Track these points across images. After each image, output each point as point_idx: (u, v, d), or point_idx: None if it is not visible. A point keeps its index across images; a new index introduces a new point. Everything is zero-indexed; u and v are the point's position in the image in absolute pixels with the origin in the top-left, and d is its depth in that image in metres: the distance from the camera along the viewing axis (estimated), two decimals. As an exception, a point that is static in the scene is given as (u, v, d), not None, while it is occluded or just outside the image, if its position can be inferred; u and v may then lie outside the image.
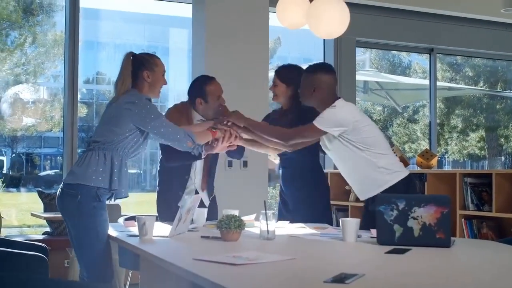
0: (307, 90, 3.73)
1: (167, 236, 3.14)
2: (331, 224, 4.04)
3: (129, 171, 3.51)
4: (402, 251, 2.67)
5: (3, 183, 11.05)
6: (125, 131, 3.41)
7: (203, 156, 3.74)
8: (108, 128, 3.43)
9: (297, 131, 3.69)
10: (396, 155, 6.09)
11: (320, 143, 3.78)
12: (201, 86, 4.09)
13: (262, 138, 3.92)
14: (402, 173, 3.63)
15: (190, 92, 4.15)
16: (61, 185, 3.41)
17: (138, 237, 3.11)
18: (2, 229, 9.82)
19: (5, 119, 10.38)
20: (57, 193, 3.42)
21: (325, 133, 3.61)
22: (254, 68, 6.10)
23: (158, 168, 4.18)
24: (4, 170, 12.73)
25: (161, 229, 3.37)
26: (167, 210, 3.97)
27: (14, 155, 13.03)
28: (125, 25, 11.21)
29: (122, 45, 11.52)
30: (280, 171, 4.23)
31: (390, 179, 3.57)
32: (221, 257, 2.40)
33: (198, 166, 4.07)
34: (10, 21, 9.78)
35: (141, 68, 3.54)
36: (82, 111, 11.18)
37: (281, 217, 4.13)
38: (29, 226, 10.36)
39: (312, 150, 4.02)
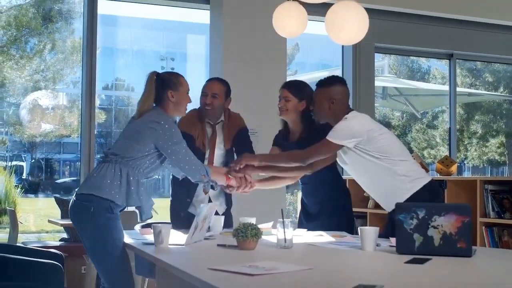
0: (324, 104, 3.67)
1: (183, 245, 3.11)
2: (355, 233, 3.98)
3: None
4: (422, 261, 2.61)
5: (21, 188, 11.10)
6: (144, 149, 3.39)
7: (215, 189, 3.76)
8: (129, 143, 3.40)
9: (313, 150, 3.64)
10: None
11: (337, 159, 3.73)
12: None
13: (279, 168, 3.88)
14: (423, 179, 3.55)
15: None
16: (74, 196, 3.39)
17: (154, 245, 3.08)
18: (20, 234, 9.86)
19: (24, 125, 10.45)
20: (70, 203, 3.40)
21: (340, 146, 3.55)
22: (272, 74, 6.07)
23: (171, 177, 4.18)
24: (24, 176, 12.81)
25: (177, 237, 3.34)
26: (176, 218, 4.00)
27: (33, 160, 13.12)
28: (143, 31, 11.25)
29: (140, 51, 11.57)
30: (300, 186, 4.19)
31: (412, 187, 3.49)
32: (238, 266, 2.36)
33: None
34: (29, 28, 9.85)
35: (165, 88, 3.52)
36: (100, 117, 11.25)
37: (302, 226, 4.07)
38: (47, 232, 10.40)
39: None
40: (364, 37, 3.90)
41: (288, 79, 6.44)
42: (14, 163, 12.47)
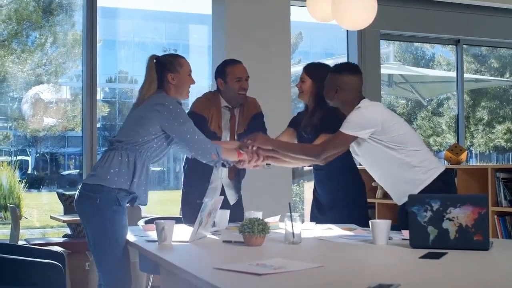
0: (330, 90, 3.57)
1: (187, 241, 2.99)
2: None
3: (153, 168, 3.39)
4: (438, 256, 2.49)
5: (26, 183, 11.04)
6: (151, 133, 3.29)
7: (227, 166, 3.65)
8: (134, 129, 3.31)
9: (327, 144, 3.52)
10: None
11: (350, 149, 3.61)
12: (223, 67, 4.03)
13: (291, 157, 3.78)
14: (438, 169, 3.43)
15: (215, 73, 4.09)
16: (79, 187, 3.29)
17: (157, 243, 2.97)
18: (24, 230, 9.77)
19: (27, 119, 10.37)
20: (76, 195, 3.29)
21: (355, 138, 3.43)
22: (276, 64, 5.95)
23: (184, 168, 4.07)
24: (29, 170, 12.75)
25: (182, 233, 3.23)
26: (193, 212, 3.85)
27: (38, 155, 13.06)
28: (144, 23, 11.16)
29: (142, 43, 11.48)
30: (313, 173, 4.07)
31: (427, 178, 3.38)
32: (244, 265, 2.24)
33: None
34: (30, 21, 9.75)
35: (164, 71, 3.42)
36: (104, 110, 11.18)
37: (314, 219, 3.98)
38: (52, 227, 10.33)
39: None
40: (370, 24, 3.77)
41: (291, 68, 6.34)
42: (19, 157, 12.42)
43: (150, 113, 3.30)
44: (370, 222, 2.90)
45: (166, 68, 3.42)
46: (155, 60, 3.44)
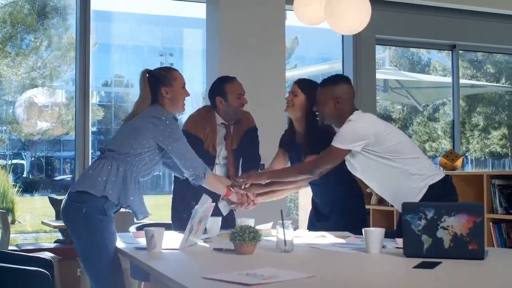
0: (329, 103, 3.48)
1: (177, 249, 2.94)
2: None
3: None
4: (432, 265, 2.44)
5: (20, 187, 10.98)
6: (144, 146, 3.24)
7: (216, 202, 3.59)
8: (127, 140, 3.25)
9: (320, 160, 3.46)
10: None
11: (346, 163, 3.54)
12: (220, 85, 3.95)
13: (288, 183, 3.76)
14: (437, 176, 3.37)
15: (210, 92, 3.99)
16: (66, 195, 3.23)
17: (147, 250, 2.91)
18: (18, 234, 9.69)
19: (21, 123, 10.31)
20: (62, 204, 3.24)
21: (348, 151, 3.37)
22: (271, 68, 5.90)
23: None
24: (25, 174, 12.68)
25: (172, 240, 3.17)
26: (178, 218, 3.81)
27: (33, 159, 12.99)
28: (140, 26, 11.11)
29: (138, 47, 11.44)
30: (310, 187, 3.99)
31: (425, 185, 3.32)
32: (233, 275, 2.19)
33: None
34: (25, 24, 9.70)
35: (158, 85, 3.37)
36: (98, 114, 11.13)
37: (312, 226, 3.92)
38: (45, 232, 10.26)
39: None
40: (365, 29, 3.72)
41: (287, 73, 6.29)
42: (14, 161, 12.35)
43: (145, 125, 3.25)
44: (363, 230, 2.85)
45: (159, 82, 3.37)
46: (148, 75, 3.39)
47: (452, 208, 2.64)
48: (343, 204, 3.81)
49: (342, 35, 6.99)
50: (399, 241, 2.88)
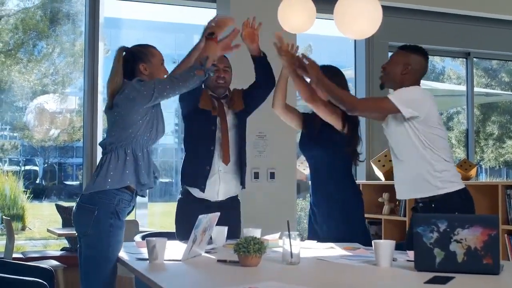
0: (399, 66, 3.47)
1: (179, 260, 2.84)
2: (369, 238, 3.73)
3: (161, 180, 3.26)
4: (444, 280, 2.33)
5: (31, 193, 10.96)
6: (137, 120, 3.12)
7: (207, 75, 3.31)
8: (119, 126, 3.14)
9: (367, 102, 3.42)
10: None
11: (383, 124, 3.50)
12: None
13: (320, 93, 3.69)
14: (457, 184, 3.32)
15: None
16: (78, 198, 3.14)
17: (148, 261, 2.82)
18: (27, 241, 9.64)
19: (32, 129, 10.30)
20: (74, 207, 3.15)
21: (396, 111, 3.29)
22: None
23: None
24: (38, 180, 12.68)
25: (175, 251, 3.08)
26: (183, 228, 3.72)
27: (46, 165, 13.00)
28: (151, 33, 11.09)
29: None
30: (310, 177, 3.96)
31: (442, 187, 3.27)
32: (235, 289, 2.09)
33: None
34: (37, 31, 9.69)
35: (136, 61, 3.24)
36: (107, 120, 11.09)
37: (311, 230, 3.87)
38: (56, 239, 10.21)
39: (345, 158, 3.80)
40: (377, 35, 3.64)
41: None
42: (27, 167, 12.36)
43: (125, 105, 3.12)
44: (373, 242, 2.75)
45: (137, 58, 3.24)
46: (124, 52, 3.26)
47: (466, 220, 2.53)
48: (342, 206, 3.76)
49: (355, 42, 6.89)
50: (411, 254, 2.78)
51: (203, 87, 3.86)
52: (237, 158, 3.90)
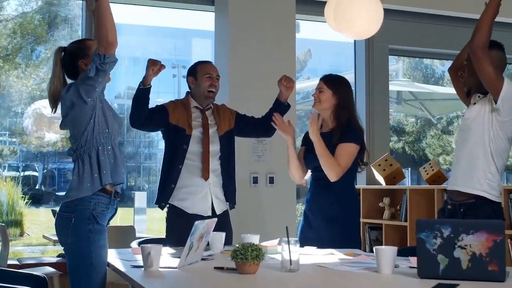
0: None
1: (175, 267, 2.76)
2: (360, 245, 3.71)
3: None
4: (448, 288, 2.26)
5: (29, 199, 10.90)
6: (87, 121, 3.05)
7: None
8: (74, 132, 3.09)
9: (489, 58, 3.29)
10: (433, 169, 5.70)
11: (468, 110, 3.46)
12: (193, 66, 4.05)
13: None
14: (495, 196, 3.28)
15: (186, 75, 4.08)
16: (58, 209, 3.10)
17: (143, 269, 2.74)
18: (25, 247, 9.56)
19: (29, 134, 10.23)
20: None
21: (495, 93, 3.22)
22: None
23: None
24: (37, 186, 12.64)
25: (171, 258, 3.00)
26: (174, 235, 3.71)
27: (45, 170, 12.95)
28: (151, 38, 11.06)
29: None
30: (311, 184, 3.90)
31: (486, 190, 3.24)
32: (232, 298, 2.01)
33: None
34: (35, 35, 9.64)
35: (75, 59, 3.15)
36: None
37: (302, 234, 3.81)
38: (54, 244, 10.14)
39: (350, 168, 3.74)
40: (378, 38, 3.56)
41: (300, 85, 6.13)
42: (27, 173, 12.32)
43: (71, 111, 3.06)
44: (374, 248, 2.67)
45: (75, 56, 3.15)
46: (63, 52, 3.17)
47: (470, 226, 2.45)
48: (339, 213, 3.71)
49: (355, 45, 6.82)
50: (413, 260, 2.70)
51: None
52: (225, 172, 3.91)
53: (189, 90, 4.04)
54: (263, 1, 5.72)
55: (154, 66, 3.77)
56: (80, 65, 3.14)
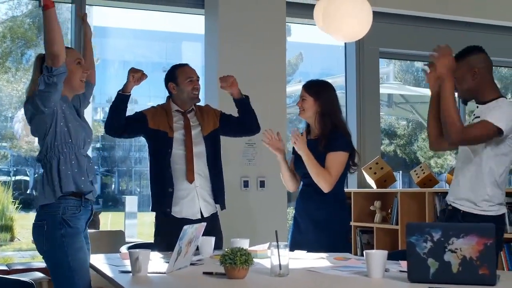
0: (467, 76, 3.31)
1: (164, 273, 2.73)
2: (349, 249, 3.72)
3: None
4: (439, 292, 2.24)
5: (20, 203, 10.82)
6: (45, 129, 3.06)
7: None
8: (39, 142, 3.13)
9: (471, 129, 3.20)
10: (424, 172, 5.69)
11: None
12: (172, 71, 3.99)
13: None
14: (494, 211, 3.23)
15: (164, 80, 4.02)
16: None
17: (131, 274, 2.71)
18: (15, 252, 9.47)
19: (20, 138, 10.17)
20: None
21: (498, 133, 3.14)
22: (271, 82, 5.71)
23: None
24: (29, 191, 12.55)
25: (160, 263, 2.97)
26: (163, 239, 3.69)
27: (36, 175, 12.85)
28: (141, 42, 11.02)
29: (140, 62, 11.34)
30: (301, 189, 3.91)
31: (485, 209, 3.20)
32: (220, 304, 1.99)
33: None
34: (25, 39, 9.58)
35: None
36: (100, 130, 10.99)
37: (292, 238, 3.81)
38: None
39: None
40: (368, 41, 3.53)
41: (292, 88, 6.10)
42: (18, 177, 12.24)
43: (32, 120, 3.08)
44: (364, 252, 2.65)
45: None
46: (41, 59, 3.15)
47: (460, 230, 2.43)
48: (328, 218, 3.72)
49: (345, 48, 6.81)
50: (404, 264, 2.68)
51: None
52: (212, 173, 3.88)
53: (170, 95, 3.99)
54: (253, 4, 5.70)
55: (135, 73, 3.75)
56: None
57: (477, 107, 3.41)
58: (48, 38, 2.91)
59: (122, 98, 3.79)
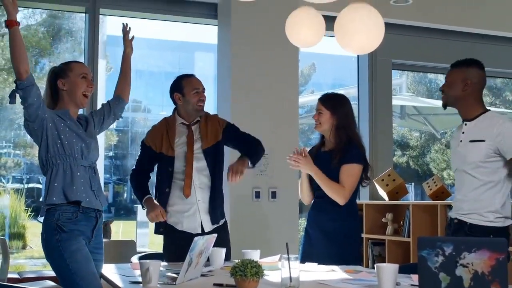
0: (458, 85, 3.37)
1: (174, 283, 2.73)
2: (360, 262, 3.67)
3: None
4: (450, 307, 2.22)
5: (32, 211, 10.86)
6: (37, 141, 3.13)
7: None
8: (39, 152, 3.17)
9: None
10: (436, 184, 5.66)
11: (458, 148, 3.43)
12: (178, 81, 3.94)
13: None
14: (501, 222, 3.26)
15: (170, 90, 3.96)
16: None
17: (142, 285, 2.71)
18: (27, 260, 9.50)
19: (34, 146, 10.22)
20: None
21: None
22: (283, 92, 5.72)
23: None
24: (41, 199, 12.57)
25: (171, 273, 2.96)
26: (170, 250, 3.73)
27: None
28: (155, 52, 11.06)
29: (153, 72, 11.37)
30: (313, 200, 3.92)
31: (492, 220, 3.23)
32: (230, 317, 1.98)
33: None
34: (39, 48, 9.64)
35: (55, 79, 3.23)
36: (112, 139, 11.04)
37: (303, 250, 3.82)
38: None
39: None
40: (381, 53, 3.55)
41: (304, 99, 6.09)
42: (31, 185, 12.29)
43: (30, 132, 3.15)
44: (375, 266, 2.64)
45: (57, 76, 3.23)
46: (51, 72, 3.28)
47: (472, 244, 2.41)
48: (341, 229, 3.73)
49: (358, 60, 6.81)
50: (415, 278, 2.67)
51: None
52: (212, 187, 3.85)
53: (175, 106, 3.95)
54: (266, 14, 5.71)
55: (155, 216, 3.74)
56: (58, 85, 3.22)
57: (465, 124, 3.43)
58: (12, 54, 2.98)
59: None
